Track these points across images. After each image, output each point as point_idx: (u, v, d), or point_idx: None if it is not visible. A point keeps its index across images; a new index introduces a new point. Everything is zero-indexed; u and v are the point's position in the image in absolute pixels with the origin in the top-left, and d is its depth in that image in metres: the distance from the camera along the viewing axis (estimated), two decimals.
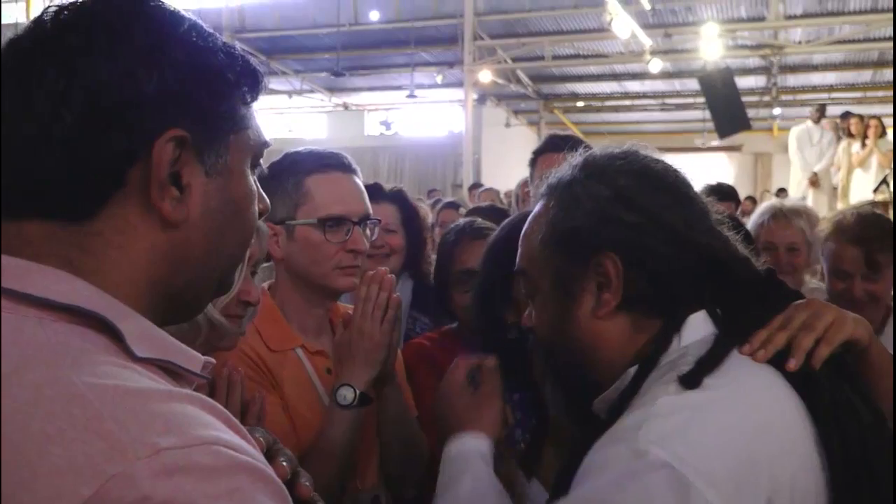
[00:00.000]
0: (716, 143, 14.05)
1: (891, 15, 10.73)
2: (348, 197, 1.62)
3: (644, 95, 15.88)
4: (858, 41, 11.76)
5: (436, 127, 16.95)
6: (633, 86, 15.23)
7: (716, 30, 10.68)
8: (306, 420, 1.53)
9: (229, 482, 0.60)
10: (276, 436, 0.88)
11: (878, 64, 13.25)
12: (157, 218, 0.72)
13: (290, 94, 15.98)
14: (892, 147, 8.59)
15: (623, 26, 10.13)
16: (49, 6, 0.73)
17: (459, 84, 13.02)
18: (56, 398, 0.59)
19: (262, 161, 0.85)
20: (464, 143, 12.69)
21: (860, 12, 11.17)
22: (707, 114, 11.45)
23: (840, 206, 8.11)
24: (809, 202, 8.58)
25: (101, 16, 0.72)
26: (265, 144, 0.83)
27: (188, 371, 0.73)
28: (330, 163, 1.63)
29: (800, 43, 11.83)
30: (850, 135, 9.07)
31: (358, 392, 1.44)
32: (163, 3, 0.76)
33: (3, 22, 9.18)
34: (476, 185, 9.26)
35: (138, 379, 0.64)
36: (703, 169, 12.78)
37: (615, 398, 1.04)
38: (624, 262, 1.04)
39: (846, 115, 9.40)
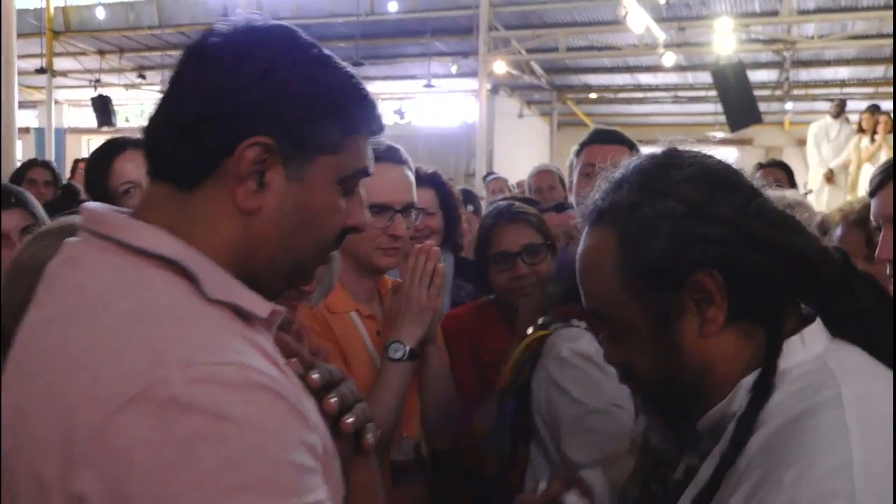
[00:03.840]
0: (727, 136, 14.13)
1: None
2: (393, 186, 1.81)
3: (657, 88, 15.94)
4: (871, 37, 11.79)
5: (449, 117, 17.09)
6: (646, 78, 15.30)
7: (729, 24, 10.77)
8: (359, 373, 1.71)
9: (245, 395, 0.76)
10: None
11: (891, 60, 13.32)
12: (236, 204, 0.89)
13: None
14: None
15: (638, 20, 10.24)
16: (216, 22, 0.93)
17: (474, 74, 13.13)
18: (133, 319, 0.79)
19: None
20: (477, 133, 12.83)
21: (873, 8, 11.22)
22: (719, 107, 11.49)
23: (850, 198, 8.22)
24: (825, 198, 8.69)
25: (240, 39, 0.91)
26: (362, 172, 0.97)
27: (252, 313, 0.89)
28: (382, 155, 1.80)
29: (812, 38, 11.89)
30: (862, 130, 9.18)
31: (408, 348, 1.64)
32: (299, 35, 0.94)
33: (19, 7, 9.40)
34: (489, 175, 9.42)
35: (203, 314, 0.83)
36: None
37: (730, 411, 1.00)
38: (722, 274, 0.98)
39: (873, 109, 9.35)
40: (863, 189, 8.43)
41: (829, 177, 9.46)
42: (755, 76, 12.33)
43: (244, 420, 0.74)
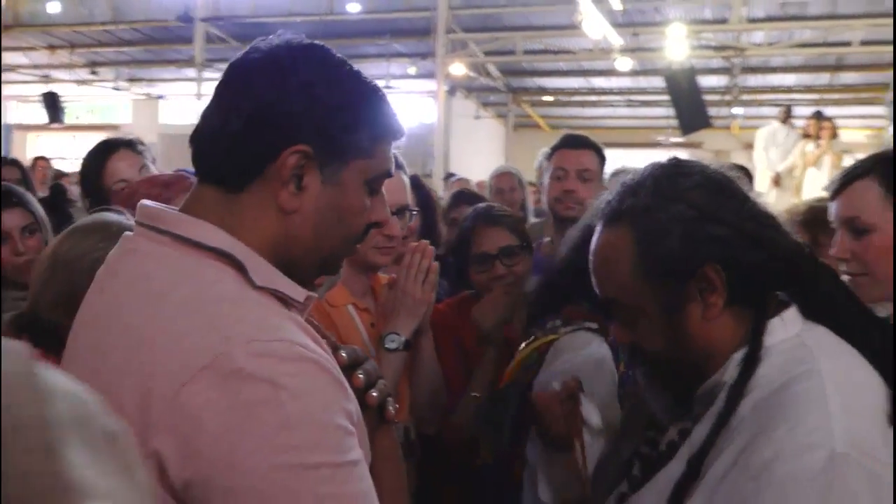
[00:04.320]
0: (678, 139, 14.45)
1: (848, 21, 11.24)
2: (390, 189, 1.89)
3: (610, 91, 16.24)
4: (817, 45, 12.22)
5: (407, 117, 17.13)
6: (600, 82, 15.58)
7: (682, 30, 11.05)
8: None
9: (297, 367, 0.88)
10: None
11: (836, 68, 13.78)
12: (278, 204, 1.00)
13: None
14: (843, 148, 9.03)
15: (594, 26, 10.46)
16: (258, 41, 1.02)
17: (431, 76, 13.23)
18: (195, 303, 0.90)
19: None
20: (435, 134, 12.93)
21: (820, 17, 11.63)
22: (671, 111, 11.76)
23: (795, 201, 8.50)
24: (772, 201, 8.98)
25: (281, 57, 1.01)
26: (386, 174, 1.09)
27: (292, 299, 1.00)
28: None
29: (761, 45, 12.29)
30: (807, 135, 9.51)
31: (403, 338, 1.73)
32: (332, 53, 1.05)
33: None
34: (450, 176, 9.53)
35: (253, 298, 0.94)
36: None
37: (722, 381, 1.14)
38: (723, 267, 1.13)
39: (818, 115, 9.71)
40: (808, 192, 8.77)
41: (776, 180, 9.75)
42: (705, 81, 12.65)
43: (297, 388, 0.86)
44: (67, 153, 17.25)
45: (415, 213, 2.01)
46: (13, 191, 2.36)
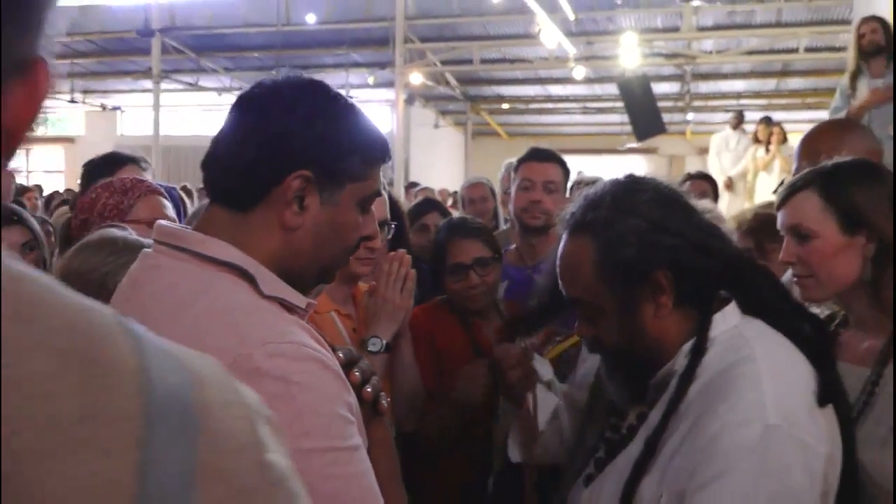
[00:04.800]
0: (633, 145, 14.75)
1: (793, 30, 11.62)
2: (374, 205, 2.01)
3: (566, 99, 16.53)
4: (764, 52, 12.60)
5: None
6: (557, 89, 15.86)
7: (634, 39, 11.33)
8: None
9: (305, 365, 1.00)
10: None
11: (783, 73, 14.21)
12: (282, 222, 1.13)
13: (219, 91, 16.04)
14: (792, 152, 9.30)
15: (550, 36, 10.68)
16: (277, 78, 1.15)
17: (390, 85, 13.36)
18: (216, 312, 1.03)
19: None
20: (394, 143, 13.05)
21: (766, 26, 12.01)
22: (626, 117, 12.00)
23: (747, 205, 8.75)
24: (725, 204, 9.23)
25: (284, 93, 1.14)
26: (376, 193, 1.22)
27: (296, 306, 1.13)
28: None
29: (711, 53, 12.62)
30: (758, 140, 9.80)
31: (384, 342, 1.85)
32: (329, 89, 1.17)
33: None
34: (412, 185, 9.65)
35: (263, 306, 1.07)
36: (621, 170, 13.44)
37: (674, 370, 1.30)
38: (672, 273, 1.29)
39: (766, 121, 10.02)
40: (759, 196, 9.04)
41: (729, 185, 10.00)
42: (659, 88, 12.94)
43: (306, 384, 0.99)
44: (21, 166, 17.02)
45: (393, 226, 2.12)
46: (13, 209, 2.43)
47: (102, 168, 2.51)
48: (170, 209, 2.04)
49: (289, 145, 1.10)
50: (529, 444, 1.74)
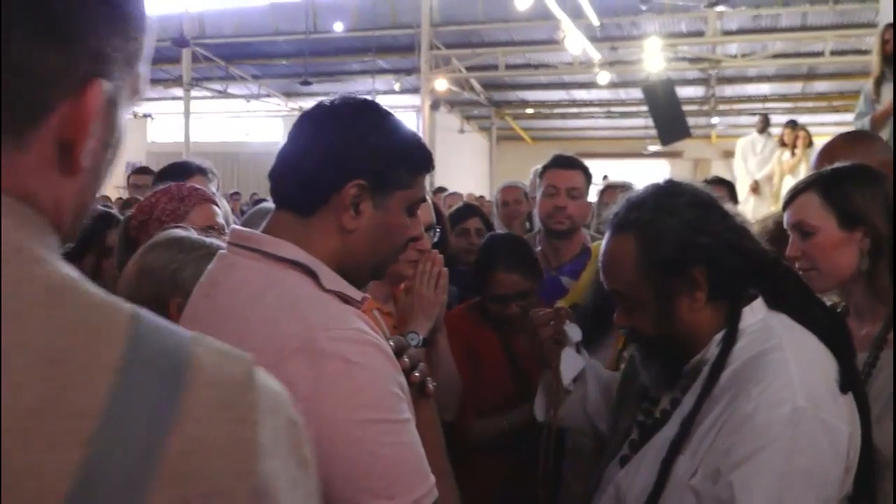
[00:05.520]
0: (658, 149, 14.76)
1: (819, 33, 11.61)
2: (420, 211, 2.13)
3: (591, 103, 16.58)
4: (790, 55, 12.59)
5: None
6: (581, 94, 15.91)
7: (658, 44, 11.39)
8: None
9: (363, 348, 1.13)
10: None
11: (808, 77, 14.18)
12: (340, 225, 1.27)
13: (247, 98, 16.30)
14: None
15: (575, 43, 10.77)
16: (334, 99, 1.30)
17: (416, 91, 13.50)
18: (284, 302, 1.17)
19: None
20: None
21: (791, 29, 12.01)
22: (650, 122, 12.05)
23: (773, 209, 8.75)
24: (750, 208, 9.25)
25: (342, 112, 1.29)
26: (422, 200, 1.36)
27: (353, 299, 1.27)
28: None
29: (736, 56, 12.64)
30: (783, 144, 9.81)
31: (421, 337, 1.97)
32: (380, 107, 1.31)
33: None
34: (440, 190, 9.76)
35: (325, 298, 1.21)
36: (646, 174, 13.48)
37: (706, 359, 1.42)
38: (707, 270, 1.41)
39: (792, 124, 10.06)
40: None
41: (755, 188, 10.00)
42: (683, 92, 12.98)
43: (363, 364, 1.12)
44: None
45: (438, 230, 2.25)
46: (113, 214, 2.62)
47: (174, 175, 2.66)
48: (220, 216, 2.18)
49: (346, 157, 1.24)
50: (555, 404, 1.86)
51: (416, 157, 1.32)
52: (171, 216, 2.05)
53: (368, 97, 1.35)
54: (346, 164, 1.24)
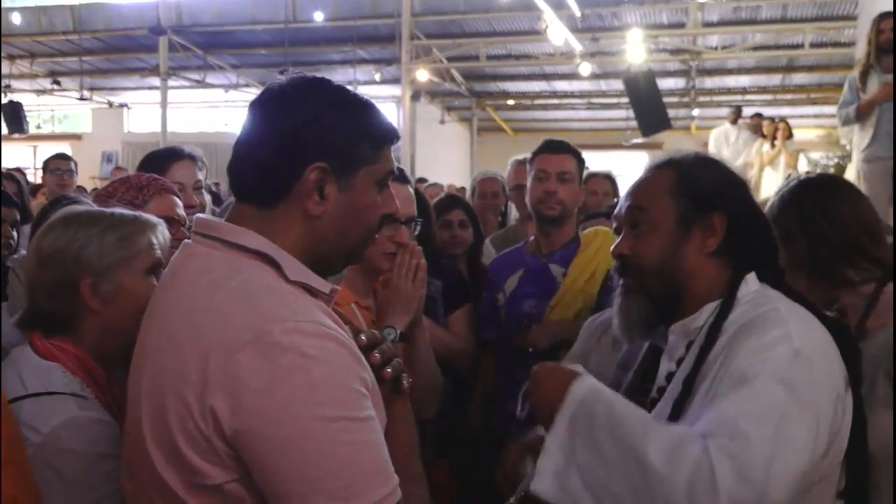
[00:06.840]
0: (638, 140, 14.76)
1: (798, 25, 11.64)
2: (400, 202, 2.06)
3: (572, 95, 16.54)
4: (769, 48, 12.62)
5: None
6: (562, 85, 15.87)
7: (639, 35, 11.37)
8: None
9: (320, 341, 1.08)
10: None
11: (788, 69, 14.23)
12: (305, 212, 1.21)
13: (226, 87, 16.11)
14: (797, 147, 9.38)
15: (557, 33, 10.73)
16: (279, 80, 1.23)
17: (396, 81, 13.40)
18: (242, 293, 1.12)
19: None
20: (400, 139, 13.03)
21: (771, 21, 12.04)
22: (631, 113, 12.04)
23: None
24: None
25: (291, 94, 1.21)
26: (390, 173, 1.29)
27: (319, 291, 1.22)
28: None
29: (716, 48, 12.65)
30: (762, 135, 9.85)
31: (398, 331, 1.91)
32: (331, 83, 1.24)
33: None
34: (421, 181, 9.70)
35: (286, 289, 1.16)
36: (626, 165, 13.49)
37: (692, 327, 1.47)
38: (728, 221, 1.47)
39: (757, 116, 10.16)
40: (765, 191, 9.09)
41: None
42: (664, 84, 12.95)
43: (320, 358, 1.07)
44: (29, 164, 17.12)
45: (419, 222, 2.17)
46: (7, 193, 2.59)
47: (162, 158, 2.55)
48: (180, 208, 2.11)
49: (300, 141, 1.18)
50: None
51: (378, 129, 1.25)
52: (128, 206, 1.99)
53: (349, 87, 1.28)
54: (302, 149, 1.18)
